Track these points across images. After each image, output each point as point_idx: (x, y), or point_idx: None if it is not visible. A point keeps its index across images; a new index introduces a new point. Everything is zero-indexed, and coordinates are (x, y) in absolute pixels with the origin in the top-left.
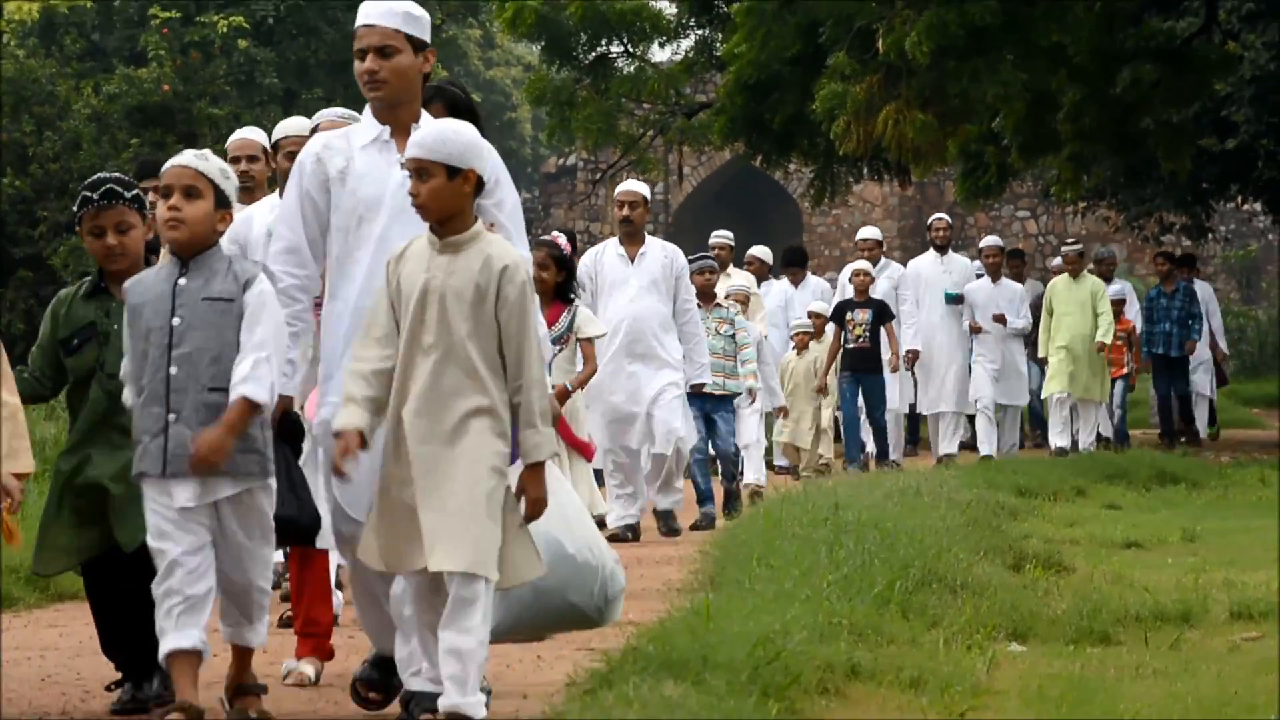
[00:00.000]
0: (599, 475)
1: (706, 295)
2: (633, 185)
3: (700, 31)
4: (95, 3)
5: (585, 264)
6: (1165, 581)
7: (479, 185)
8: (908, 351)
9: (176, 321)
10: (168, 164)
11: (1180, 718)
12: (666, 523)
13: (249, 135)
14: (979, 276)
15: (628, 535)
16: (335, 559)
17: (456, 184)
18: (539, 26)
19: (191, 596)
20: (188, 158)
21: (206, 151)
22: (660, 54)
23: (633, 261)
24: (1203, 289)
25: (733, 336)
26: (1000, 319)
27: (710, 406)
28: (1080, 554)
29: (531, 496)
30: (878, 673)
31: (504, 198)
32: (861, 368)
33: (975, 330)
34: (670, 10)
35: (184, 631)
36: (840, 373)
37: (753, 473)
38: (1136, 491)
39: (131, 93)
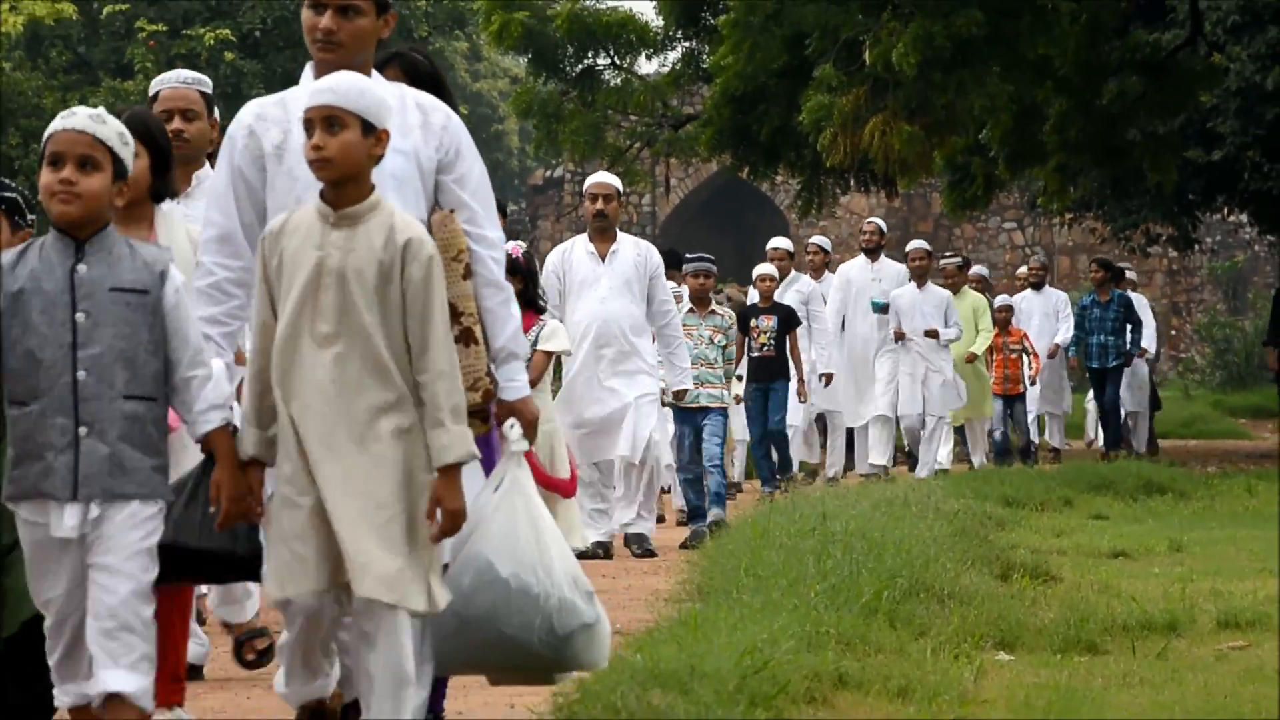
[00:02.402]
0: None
1: (701, 300)
2: (604, 177)
3: (687, 43)
4: (81, 15)
5: (552, 262)
6: (1152, 591)
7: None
8: (821, 375)
9: (81, 317)
10: (56, 126)
11: None
12: (641, 544)
13: (181, 80)
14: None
15: (599, 553)
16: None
17: (369, 143)
18: (526, 39)
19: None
20: (81, 120)
21: (101, 110)
22: (647, 66)
23: (604, 260)
24: (1137, 300)
25: (724, 348)
26: (932, 334)
27: (700, 417)
28: (1067, 564)
29: (448, 508)
30: (865, 682)
31: (466, 172)
32: (765, 377)
33: (899, 337)
34: (657, 23)
35: (64, 687)
36: (746, 384)
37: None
38: (1123, 502)
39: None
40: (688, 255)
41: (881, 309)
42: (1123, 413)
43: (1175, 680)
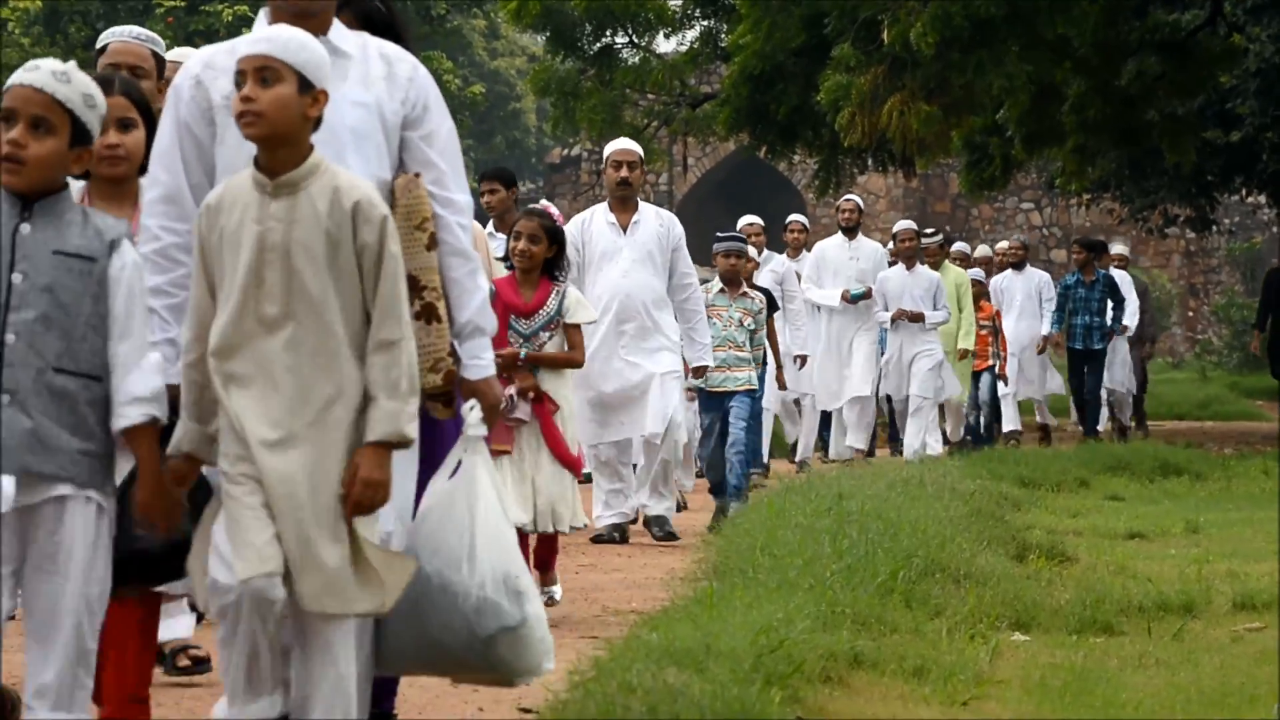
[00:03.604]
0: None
1: (732, 281)
2: (626, 143)
3: (705, 22)
4: None
5: (571, 233)
6: (1168, 572)
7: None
8: (796, 357)
9: (18, 278)
10: (15, 79)
11: (1182, 708)
12: (661, 527)
13: (133, 35)
14: (891, 264)
15: (614, 536)
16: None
17: (305, 102)
18: (544, 17)
19: None
20: (42, 76)
21: (70, 66)
22: (665, 45)
23: (625, 231)
24: (1123, 278)
25: (754, 333)
26: (917, 318)
27: (727, 401)
28: (1083, 545)
29: (363, 475)
30: (881, 662)
31: (435, 128)
32: None
33: (899, 317)
34: (675, 1)
35: None
36: None
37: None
38: (1139, 483)
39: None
40: (719, 234)
41: (859, 298)
42: (1104, 393)
43: (1191, 661)
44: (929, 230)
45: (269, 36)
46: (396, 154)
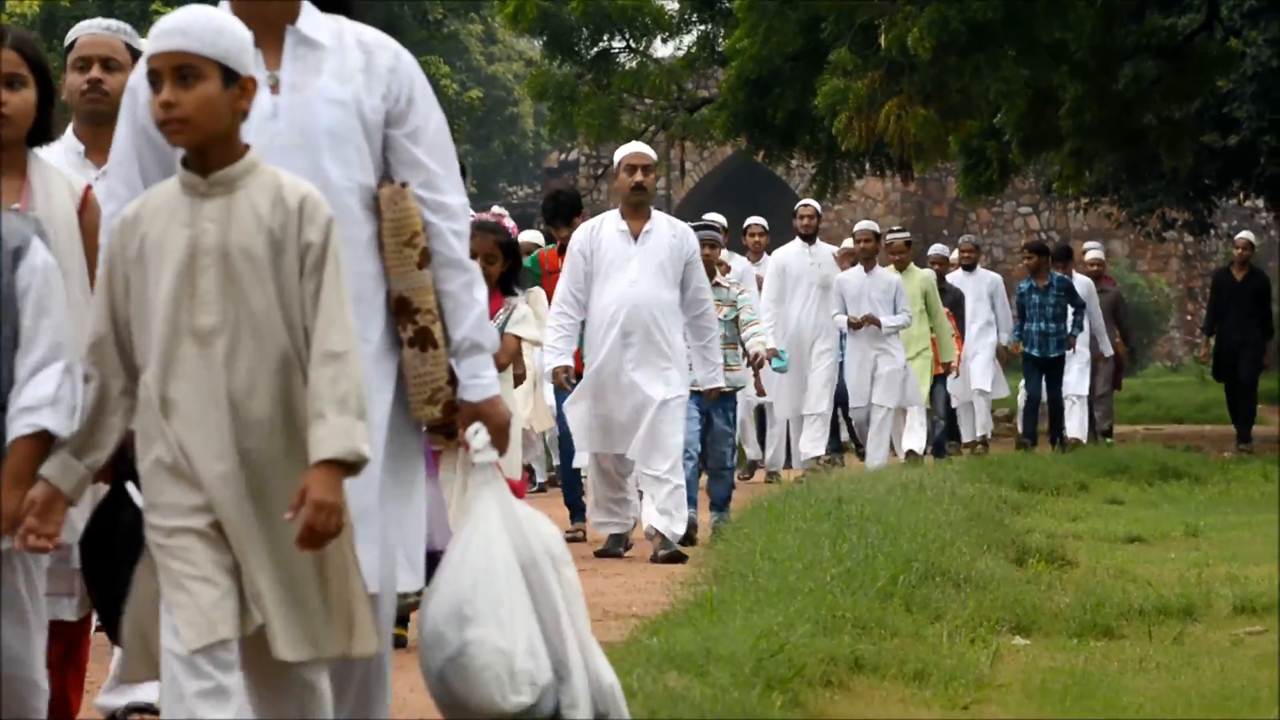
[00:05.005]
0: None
1: (707, 272)
2: (641, 147)
3: (702, 27)
4: None
5: (579, 240)
6: (1168, 576)
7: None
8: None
9: None
10: None
11: (1183, 711)
12: (665, 547)
13: (104, 27)
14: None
15: (619, 550)
16: None
17: (232, 95)
18: (541, 21)
19: None
20: None
21: None
22: (662, 49)
23: (636, 239)
24: (1082, 283)
25: (734, 320)
26: (872, 320)
27: (708, 403)
28: (1083, 548)
29: (314, 497)
30: (881, 666)
31: (422, 124)
32: None
33: (855, 326)
34: (672, 5)
35: None
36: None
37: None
38: (1139, 486)
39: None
40: (692, 224)
41: (783, 369)
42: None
43: (1191, 665)
44: (896, 227)
45: (181, 28)
46: (380, 156)
